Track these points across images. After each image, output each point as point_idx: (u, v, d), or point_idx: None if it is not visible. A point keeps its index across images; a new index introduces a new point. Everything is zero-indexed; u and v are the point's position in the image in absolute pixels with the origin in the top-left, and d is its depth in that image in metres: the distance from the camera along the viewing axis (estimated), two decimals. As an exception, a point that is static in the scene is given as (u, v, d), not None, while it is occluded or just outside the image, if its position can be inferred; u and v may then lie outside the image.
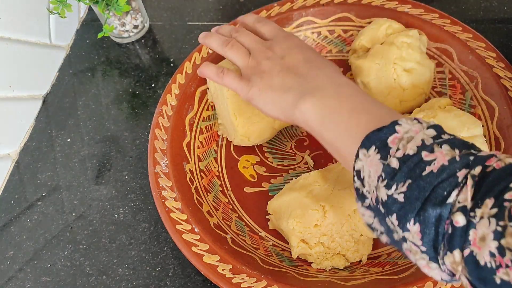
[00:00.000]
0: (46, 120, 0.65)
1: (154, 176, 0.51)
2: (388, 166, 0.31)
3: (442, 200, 0.28)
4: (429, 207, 0.28)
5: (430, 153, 0.30)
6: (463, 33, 0.58)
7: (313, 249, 0.47)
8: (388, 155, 0.31)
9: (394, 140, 0.32)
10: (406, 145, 0.31)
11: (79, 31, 0.74)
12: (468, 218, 0.27)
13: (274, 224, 0.51)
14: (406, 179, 0.30)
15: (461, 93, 0.57)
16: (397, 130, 0.32)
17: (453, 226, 0.28)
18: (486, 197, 0.27)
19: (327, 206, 0.46)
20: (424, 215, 0.29)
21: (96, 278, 0.51)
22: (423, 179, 0.29)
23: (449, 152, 0.30)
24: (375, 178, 0.32)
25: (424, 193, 0.29)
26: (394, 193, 0.30)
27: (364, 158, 0.33)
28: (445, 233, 0.28)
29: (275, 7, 0.64)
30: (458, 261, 0.28)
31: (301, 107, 0.40)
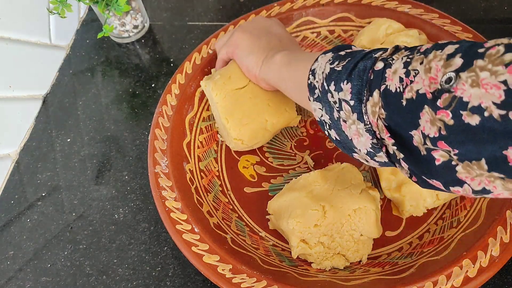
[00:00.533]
0: (46, 120, 0.65)
1: (154, 176, 0.51)
2: (337, 54, 0.39)
3: (369, 57, 0.35)
4: (359, 64, 0.35)
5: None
6: (463, 33, 0.58)
7: (313, 249, 0.47)
8: (339, 53, 0.39)
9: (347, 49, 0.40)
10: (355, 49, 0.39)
11: (79, 31, 0.74)
12: (386, 61, 0.33)
13: (274, 224, 0.51)
14: (347, 57, 0.37)
15: (461, 93, 0.57)
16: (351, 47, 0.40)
17: (374, 71, 0.34)
18: (402, 49, 0.34)
19: (327, 206, 0.46)
20: (354, 71, 0.35)
21: (96, 278, 0.51)
22: (359, 53, 0.37)
23: None
24: (324, 64, 0.39)
25: (357, 59, 0.36)
26: (335, 66, 0.37)
27: (321, 60, 0.40)
28: (368, 79, 0.34)
29: (275, 7, 0.64)
30: (377, 101, 0.33)
31: (275, 57, 0.48)
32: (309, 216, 0.46)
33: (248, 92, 0.53)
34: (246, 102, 0.53)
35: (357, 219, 0.46)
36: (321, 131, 0.58)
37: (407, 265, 0.46)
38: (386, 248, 0.49)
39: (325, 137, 0.58)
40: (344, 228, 0.46)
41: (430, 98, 0.29)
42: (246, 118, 0.53)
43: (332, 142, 0.43)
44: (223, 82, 0.53)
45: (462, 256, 0.43)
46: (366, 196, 0.47)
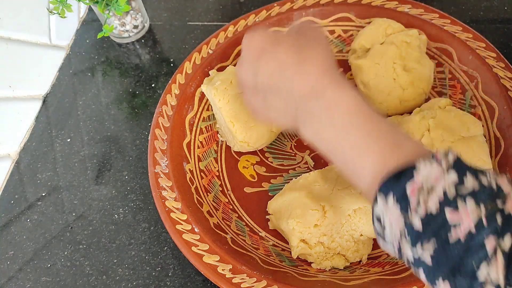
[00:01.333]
0: (46, 120, 0.65)
1: (154, 176, 0.51)
2: (411, 227, 0.29)
3: (472, 273, 0.27)
4: (459, 277, 0.27)
5: (455, 211, 0.28)
6: (463, 33, 0.58)
7: (313, 249, 0.47)
8: (409, 209, 0.30)
9: (414, 190, 0.30)
10: (427, 198, 0.29)
11: (79, 31, 0.74)
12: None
13: (274, 224, 0.51)
14: (431, 238, 0.28)
15: (461, 93, 0.57)
16: (415, 178, 0.30)
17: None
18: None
19: (327, 206, 0.46)
20: (455, 281, 0.28)
21: (96, 278, 0.51)
22: (450, 247, 0.28)
23: (475, 211, 0.28)
24: (397, 231, 0.30)
25: (452, 263, 0.28)
26: (421, 256, 0.29)
27: (382, 205, 0.31)
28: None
29: (275, 7, 0.64)
30: None
31: (302, 133, 0.38)
32: (309, 216, 0.46)
33: None
34: None
35: (357, 219, 0.46)
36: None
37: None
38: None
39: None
40: (344, 228, 0.46)
41: None
42: (251, 120, 0.53)
43: None
44: (225, 87, 0.53)
45: (462, 256, 0.43)
46: None
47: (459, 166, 0.30)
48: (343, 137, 0.35)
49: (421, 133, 0.49)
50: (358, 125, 0.34)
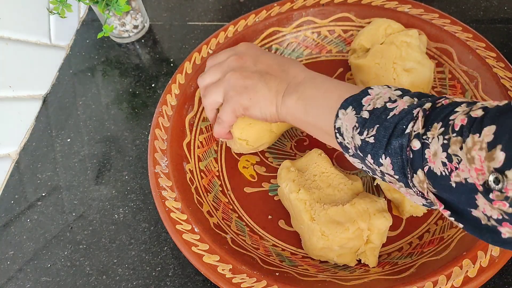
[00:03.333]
0: (46, 120, 0.65)
1: (154, 176, 0.51)
2: (361, 117, 0.37)
3: (402, 132, 0.34)
4: (393, 140, 0.34)
5: (393, 103, 0.37)
6: (463, 33, 0.58)
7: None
8: (361, 110, 0.38)
9: (367, 100, 0.38)
10: (375, 101, 0.38)
11: (79, 31, 0.74)
12: (422, 141, 0.33)
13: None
14: (375, 124, 0.36)
15: (461, 93, 0.57)
16: (369, 93, 0.39)
17: (412, 150, 0.33)
18: (435, 122, 0.33)
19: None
20: (390, 147, 0.35)
21: (96, 278, 0.51)
22: (387, 120, 0.35)
23: (409, 100, 0.36)
24: (351, 129, 0.38)
25: (389, 131, 0.35)
26: (366, 137, 0.36)
27: (342, 116, 0.39)
28: (408, 158, 0.34)
29: (275, 7, 0.64)
30: (422, 179, 0.33)
31: (287, 103, 0.45)
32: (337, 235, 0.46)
33: None
34: None
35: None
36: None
37: (407, 265, 0.46)
38: (386, 248, 0.49)
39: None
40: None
41: (481, 190, 0.29)
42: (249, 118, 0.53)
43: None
44: None
45: (462, 256, 0.43)
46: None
47: (405, 89, 0.39)
48: (323, 89, 0.44)
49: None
50: (333, 82, 0.45)
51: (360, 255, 0.47)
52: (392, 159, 0.35)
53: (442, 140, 0.31)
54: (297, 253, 0.50)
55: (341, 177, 0.50)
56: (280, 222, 0.52)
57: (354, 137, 0.38)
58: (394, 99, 0.37)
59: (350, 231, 0.45)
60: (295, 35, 0.64)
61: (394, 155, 0.34)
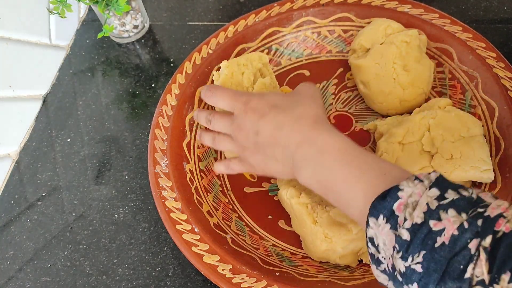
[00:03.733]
0: (46, 120, 0.65)
1: (154, 176, 0.51)
2: (400, 238, 0.31)
3: (460, 275, 0.29)
4: (448, 281, 0.29)
5: (438, 222, 0.30)
6: (463, 33, 0.58)
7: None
8: (397, 225, 0.32)
9: (400, 207, 0.32)
10: (412, 213, 0.31)
11: (79, 31, 0.74)
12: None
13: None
14: (420, 250, 0.30)
15: (461, 93, 0.57)
16: (400, 196, 0.32)
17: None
18: (502, 272, 0.27)
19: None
20: (446, 286, 0.29)
21: (96, 278, 0.51)
22: (436, 251, 0.30)
23: (457, 218, 0.30)
24: (390, 247, 0.32)
25: (441, 266, 0.29)
26: (411, 264, 0.31)
27: (375, 226, 0.33)
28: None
29: (275, 7, 0.64)
30: None
31: (300, 178, 0.41)
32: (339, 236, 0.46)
33: None
34: None
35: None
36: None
37: (407, 265, 0.46)
38: (386, 248, 0.49)
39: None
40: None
41: None
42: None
43: None
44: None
45: (462, 256, 0.43)
46: None
47: (441, 182, 0.32)
48: (335, 174, 0.38)
49: (421, 133, 0.49)
50: (347, 161, 0.38)
51: (362, 255, 0.47)
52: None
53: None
54: (297, 253, 0.50)
55: None
56: (280, 222, 0.52)
57: (395, 260, 0.32)
58: (436, 210, 0.31)
59: (353, 232, 0.44)
60: (295, 35, 0.64)
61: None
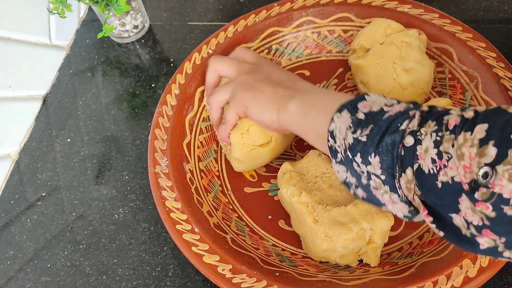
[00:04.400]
0: (46, 120, 0.65)
1: (154, 176, 0.51)
2: (356, 117, 0.37)
3: (396, 129, 0.34)
4: (386, 137, 0.34)
5: (390, 106, 0.37)
6: (463, 33, 0.58)
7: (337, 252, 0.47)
8: (356, 112, 0.38)
9: (364, 104, 0.38)
10: (372, 105, 0.38)
11: (79, 31, 0.74)
12: (415, 137, 0.32)
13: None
14: (369, 124, 0.36)
15: (461, 93, 0.57)
16: (366, 99, 0.39)
17: (404, 147, 0.33)
18: (429, 120, 0.33)
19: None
20: (382, 145, 0.34)
21: (96, 278, 0.51)
22: (382, 120, 0.35)
23: (405, 104, 0.37)
24: (344, 130, 0.37)
25: (382, 129, 0.35)
26: (359, 136, 0.36)
27: (337, 119, 0.39)
28: (398, 155, 0.33)
29: (275, 7, 0.64)
30: (411, 178, 0.33)
31: (289, 107, 0.45)
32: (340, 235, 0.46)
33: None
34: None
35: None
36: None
37: (407, 265, 0.46)
38: (386, 248, 0.49)
39: (325, 137, 0.58)
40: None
41: (467, 189, 0.29)
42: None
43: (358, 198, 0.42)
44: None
45: (462, 256, 0.43)
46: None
47: (400, 100, 0.38)
48: (321, 97, 0.44)
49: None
50: (338, 93, 0.45)
51: (362, 255, 0.47)
52: (382, 157, 0.34)
53: (435, 137, 0.31)
54: (297, 253, 0.50)
55: None
56: (280, 222, 0.52)
57: (347, 137, 0.37)
58: (391, 103, 0.37)
59: (354, 232, 0.44)
60: (295, 35, 0.64)
61: (384, 153, 0.34)
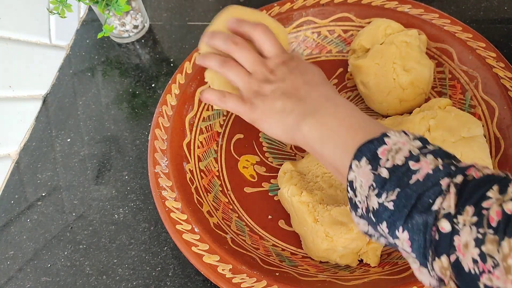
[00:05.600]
0: (46, 120, 0.65)
1: (154, 176, 0.51)
2: (379, 176, 0.32)
3: (428, 207, 0.30)
4: (416, 214, 0.30)
5: (416, 163, 0.32)
6: (463, 33, 0.58)
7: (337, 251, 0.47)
8: (378, 166, 0.33)
9: (384, 151, 0.33)
10: (394, 156, 0.33)
11: (79, 31, 0.74)
12: (452, 224, 0.29)
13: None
14: (395, 187, 0.31)
15: (461, 93, 0.57)
16: (386, 142, 0.34)
17: (439, 232, 0.29)
18: (467, 204, 0.29)
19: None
20: (412, 222, 0.30)
21: (96, 278, 0.51)
22: (410, 187, 0.31)
23: (433, 161, 0.32)
24: (366, 187, 0.33)
25: (411, 201, 0.30)
26: (385, 201, 0.32)
27: (356, 169, 0.34)
28: (432, 239, 0.29)
29: (275, 7, 0.64)
30: (446, 266, 0.29)
31: (302, 129, 0.40)
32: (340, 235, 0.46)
33: None
34: None
35: None
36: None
37: (407, 265, 0.46)
38: (386, 248, 0.49)
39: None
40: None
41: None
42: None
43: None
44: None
45: (462, 256, 0.43)
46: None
47: (423, 138, 0.35)
48: (341, 122, 0.39)
49: (422, 133, 0.49)
50: (356, 117, 0.40)
51: (362, 255, 0.47)
52: (412, 235, 0.30)
53: (475, 233, 0.27)
54: (297, 253, 0.50)
55: None
56: (280, 222, 0.52)
57: (370, 198, 0.33)
58: (416, 155, 0.32)
59: (354, 231, 0.44)
60: (295, 35, 0.64)
61: (415, 231, 0.30)
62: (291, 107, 0.42)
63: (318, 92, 0.42)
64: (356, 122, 0.39)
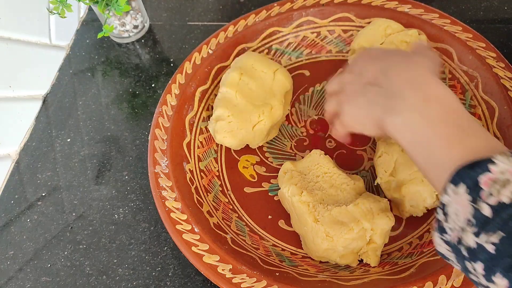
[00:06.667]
0: (46, 120, 0.65)
1: (154, 176, 0.51)
2: (479, 212, 0.29)
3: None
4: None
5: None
6: (463, 33, 0.58)
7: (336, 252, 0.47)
8: (479, 198, 0.29)
9: (487, 181, 0.29)
10: (500, 190, 0.28)
11: (79, 31, 0.74)
12: None
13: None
14: (499, 230, 0.28)
15: (461, 93, 0.57)
16: (491, 170, 0.29)
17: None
18: None
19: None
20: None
21: (96, 278, 0.51)
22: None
23: None
24: (463, 220, 0.30)
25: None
26: (484, 243, 0.28)
27: (452, 194, 0.31)
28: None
29: (275, 7, 0.64)
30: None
31: (392, 123, 0.38)
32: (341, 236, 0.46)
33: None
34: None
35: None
36: (321, 131, 0.58)
37: (407, 265, 0.46)
38: (386, 248, 0.49)
39: (325, 137, 0.58)
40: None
41: None
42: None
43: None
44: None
45: (462, 256, 0.43)
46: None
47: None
48: (435, 128, 0.35)
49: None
50: (453, 119, 0.35)
51: (362, 255, 0.47)
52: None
53: None
54: (297, 253, 0.50)
55: (343, 177, 0.50)
56: (280, 222, 0.52)
57: (466, 233, 0.29)
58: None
59: (354, 231, 0.44)
60: (295, 35, 0.64)
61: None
62: (373, 98, 0.40)
63: (400, 78, 0.39)
64: (451, 132, 0.34)
